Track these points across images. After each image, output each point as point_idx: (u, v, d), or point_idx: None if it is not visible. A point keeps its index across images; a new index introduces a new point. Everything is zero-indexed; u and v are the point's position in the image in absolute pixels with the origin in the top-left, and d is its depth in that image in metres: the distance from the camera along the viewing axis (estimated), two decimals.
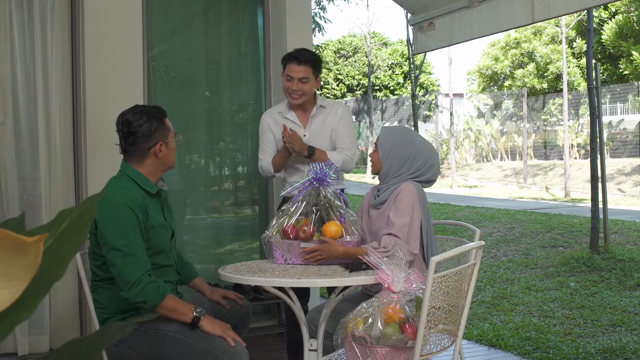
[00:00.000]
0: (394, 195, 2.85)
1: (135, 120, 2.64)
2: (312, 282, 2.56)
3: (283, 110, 3.77)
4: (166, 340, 2.53)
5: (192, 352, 2.50)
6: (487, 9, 4.41)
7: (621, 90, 21.10)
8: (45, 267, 0.61)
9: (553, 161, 20.26)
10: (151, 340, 2.55)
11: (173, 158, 2.76)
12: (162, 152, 2.68)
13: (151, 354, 2.55)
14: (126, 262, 2.47)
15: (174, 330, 2.54)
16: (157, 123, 2.66)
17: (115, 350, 2.58)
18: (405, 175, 2.89)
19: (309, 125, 3.74)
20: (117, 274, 2.49)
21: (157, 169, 2.71)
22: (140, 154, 2.66)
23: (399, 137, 2.96)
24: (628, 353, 4.24)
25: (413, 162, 2.89)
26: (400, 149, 2.90)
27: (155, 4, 4.52)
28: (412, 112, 19.47)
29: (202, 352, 2.48)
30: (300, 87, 3.61)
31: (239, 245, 5.00)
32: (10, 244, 0.57)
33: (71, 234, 0.65)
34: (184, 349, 2.51)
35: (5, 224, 0.69)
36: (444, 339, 2.47)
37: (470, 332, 4.79)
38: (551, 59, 23.12)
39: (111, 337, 0.68)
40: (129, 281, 2.46)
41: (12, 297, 0.59)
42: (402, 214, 2.77)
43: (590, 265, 6.77)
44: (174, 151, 2.76)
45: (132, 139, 2.64)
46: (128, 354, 2.57)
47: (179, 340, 2.53)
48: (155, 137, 2.65)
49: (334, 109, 3.78)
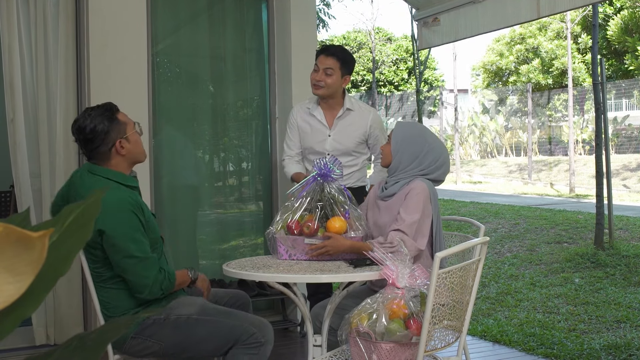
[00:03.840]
0: (405, 192, 2.85)
1: (87, 125, 2.58)
2: (317, 278, 2.57)
3: (311, 107, 3.83)
4: (190, 323, 2.59)
5: (220, 329, 2.58)
6: (492, 5, 4.40)
7: (626, 86, 21.03)
8: (50, 262, 0.61)
9: (558, 157, 20.20)
10: (173, 326, 2.59)
11: (140, 149, 2.70)
12: (125, 147, 2.63)
13: (175, 340, 2.59)
14: (142, 267, 2.51)
15: (196, 313, 2.61)
16: (108, 122, 2.60)
17: (133, 342, 2.60)
18: (414, 171, 2.88)
19: (334, 126, 3.77)
20: (133, 280, 2.52)
21: (127, 166, 2.68)
22: (103, 156, 2.63)
23: (412, 132, 2.96)
24: (633, 349, 4.23)
25: (424, 158, 2.88)
26: (412, 144, 2.90)
27: (159, 0, 4.52)
28: (417, 108, 19.45)
29: (230, 328, 2.57)
30: (324, 79, 3.66)
31: (244, 241, 5.00)
32: (15, 239, 0.57)
33: (76, 229, 0.65)
34: (211, 328, 2.58)
35: (10, 220, 0.70)
36: (449, 334, 2.47)
37: (474, 328, 4.78)
38: (556, 54, 23.05)
39: (117, 331, 0.68)
40: (146, 284, 2.51)
41: (17, 292, 0.59)
42: (412, 211, 2.77)
43: (595, 262, 6.76)
44: (138, 143, 2.69)
45: (91, 145, 2.60)
46: (148, 344, 2.60)
47: (204, 321, 2.60)
48: (112, 136, 2.60)
49: (363, 114, 3.82)
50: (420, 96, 20.76)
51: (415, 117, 24.94)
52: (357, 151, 3.83)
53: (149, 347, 2.61)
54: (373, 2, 35.05)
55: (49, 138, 4.07)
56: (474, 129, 24.52)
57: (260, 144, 4.95)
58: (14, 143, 4.00)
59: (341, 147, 3.76)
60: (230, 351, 2.58)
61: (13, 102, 3.97)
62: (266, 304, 4.85)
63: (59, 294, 4.07)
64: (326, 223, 2.82)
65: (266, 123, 4.88)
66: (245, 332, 2.57)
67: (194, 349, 2.63)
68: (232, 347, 2.57)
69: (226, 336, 2.57)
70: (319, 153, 3.74)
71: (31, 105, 4.07)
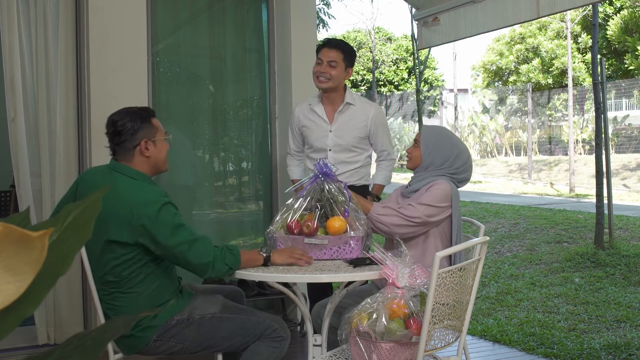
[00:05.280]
0: (428, 187, 2.95)
1: (120, 119, 2.63)
2: (317, 278, 2.56)
3: (312, 103, 3.87)
4: (215, 321, 2.63)
5: (245, 326, 2.64)
6: (492, 4, 4.40)
7: (626, 86, 21.03)
8: (50, 261, 0.61)
9: (558, 157, 20.20)
10: (198, 326, 2.62)
11: (163, 158, 2.70)
12: (150, 150, 2.64)
13: (200, 339, 2.63)
14: (195, 250, 2.50)
15: (219, 311, 2.66)
16: (141, 121, 2.63)
17: (155, 344, 2.60)
18: (444, 171, 2.99)
19: (335, 121, 3.79)
20: (194, 262, 2.51)
21: (148, 169, 2.67)
22: (127, 152, 2.64)
23: (444, 136, 3.08)
24: (633, 349, 4.23)
25: (455, 161, 3.00)
26: (443, 148, 3.01)
27: (159, 0, 4.52)
28: (417, 108, 19.44)
29: (254, 323, 2.64)
30: (328, 70, 3.70)
31: (243, 241, 5.01)
32: (16, 238, 0.58)
33: (76, 228, 0.65)
34: (236, 325, 2.64)
35: (10, 219, 0.70)
36: (449, 334, 2.47)
37: (474, 327, 4.78)
38: (556, 54, 23.04)
39: (116, 331, 0.68)
40: (208, 262, 2.51)
41: (18, 291, 0.59)
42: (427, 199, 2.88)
43: (594, 261, 6.76)
44: (163, 151, 2.70)
45: (118, 138, 2.63)
46: (171, 344, 2.61)
47: (227, 318, 2.65)
48: (140, 135, 2.62)
49: (364, 109, 3.85)
50: (420, 96, 20.76)
51: (415, 116, 24.95)
52: (359, 147, 3.84)
53: (171, 347, 2.63)
54: (373, 1, 35.02)
55: (49, 137, 4.07)
56: (474, 128, 24.53)
57: (260, 143, 4.95)
58: (15, 142, 3.99)
59: (342, 142, 3.79)
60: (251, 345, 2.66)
61: (14, 101, 3.97)
62: (266, 304, 4.85)
63: (59, 293, 4.07)
64: (326, 223, 2.83)
65: (266, 123, 4.88)
66: (269, 327, 2.66)
67: (218, 345, 2.68)
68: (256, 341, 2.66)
69: (252, 332, 2.65)
70: (321, 150, 3.78)
71: (31, 104, 4.07)
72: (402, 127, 25.20)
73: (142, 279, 2.56)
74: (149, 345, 2.61)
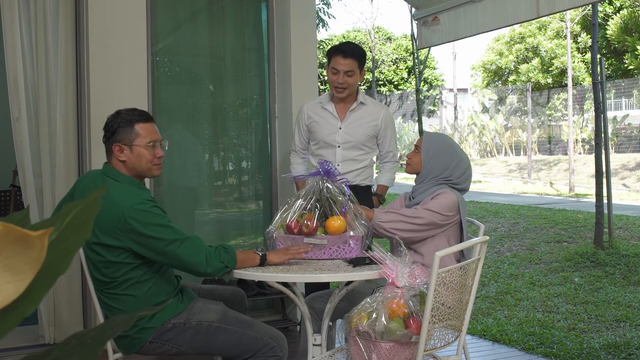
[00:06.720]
0: (432, 195, 2.96)
1: (109, 120, 2.62)
2: (316, 277, 2.56)
3: (323, 101, 3.90)
4: (211, 330, 2.61)
5: (241, 340, 2.60)
6: (492, 4, 4.40)
7: (626, 85, 21.03)
8: (50, 260, 0.61)
9: (557, 156, 20.20)
10: (194, 332, 2.60)
11: (143, 165, 2.60)
12: (125, 154, 2.58)
13: (195, 345, 2.61)
14: (187, 247, 2.48)
15: (217, 320, 2.62)
16: (123, 124, 2.57)
17: (150, 346, 2.59)
18: (443, 181, 3.00)
19: (345, 118, 3.82)
20: (187, 261, 2.49)
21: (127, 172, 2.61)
22: (107, 154, 2.64)
23: (444, 144, 3.08)
24: (632, 348, 4.23)
25: (454, 170, 3.01)
26: (444, 156, 3.02)
27: (159, 0, 4.51)
28: (417, 107, 19.45)
29: (251, 339, 2.60)
30: (346, 80, 3.73)
31: (243, 240, 5.01)
32: (15, 238, 0.58)
33: (76, 227, 0.65)
34: (233, 337, 2.61)
35: (10, 218, 0.70)
36: (448, 334, 2.47)
37: (474, 327, 4.79)
38: (556, 53, 23.04)
39: (115, 330, 0.69)
40: (201, 261, 2.49)
41: (17, 291, 0.59)
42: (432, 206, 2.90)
43: (594, 261, 6.76)
44: (143, 158, 2.59)
45: (104, 136, 2.63)
46: (166, 348, 2.60)
47: (225, 329, 2.62)
48: (116, 137, 2.58)
49: (375, 110, 3.90)
50: (420, 95, 20.76)
51: (415, 116, 24.95)
52: (367, 145, 3.87)
53: (166, 351, 2.62)
54: (373, 1, 35.01)
55: (49, 137, 4.07)
56: (473, 128, 24.52)
57: (260, 143, 4.95)
58: (20, 142, 3.99)
59: (352, 139, 3.81)
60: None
61: (18, 101, 3.97)
62: (266, 304, 4.85)
63: (59, 293, 4.07)
64: (325, 222, 2.83)
65: (266, 122, 4.88)
66: (267, 345, 2.61)
67: (213, 353, 2.68)
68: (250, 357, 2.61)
69: (248, 347, 2.61)
70: (330, 145, 3.81)
71: (33, 104, 4.07)
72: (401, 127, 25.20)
73: (135, 282, 2.54)
74: (144, 347, 2.60)
